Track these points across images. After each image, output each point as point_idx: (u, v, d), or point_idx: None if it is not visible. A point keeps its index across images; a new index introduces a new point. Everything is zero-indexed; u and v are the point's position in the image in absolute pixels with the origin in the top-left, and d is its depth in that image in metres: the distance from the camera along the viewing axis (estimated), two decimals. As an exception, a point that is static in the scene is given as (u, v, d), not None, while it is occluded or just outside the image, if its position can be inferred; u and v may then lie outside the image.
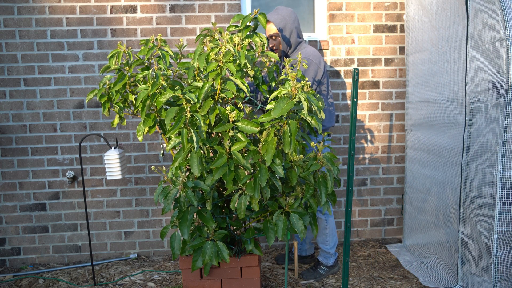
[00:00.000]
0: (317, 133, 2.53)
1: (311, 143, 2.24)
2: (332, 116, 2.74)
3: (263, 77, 2.63)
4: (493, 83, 2.12)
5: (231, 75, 2.10)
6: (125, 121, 2.44)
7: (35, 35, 3.01)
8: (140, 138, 2.25)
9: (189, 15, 3.09)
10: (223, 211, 2.36)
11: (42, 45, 3.02)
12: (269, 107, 2.01)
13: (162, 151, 2.78)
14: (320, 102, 2.08)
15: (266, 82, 2.55)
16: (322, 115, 2.05)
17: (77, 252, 3.22)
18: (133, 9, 3.05)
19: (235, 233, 2.36)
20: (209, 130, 2.18)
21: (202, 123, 1.92)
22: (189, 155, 2.02)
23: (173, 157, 2.10)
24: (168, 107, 2.24)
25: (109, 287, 2.76)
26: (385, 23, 3.23)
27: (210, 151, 2.20)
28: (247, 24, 2.32)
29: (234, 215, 2.32)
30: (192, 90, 2.08)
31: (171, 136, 2.13)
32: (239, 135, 2.06)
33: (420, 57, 2.93)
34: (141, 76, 2.22)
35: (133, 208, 3.22)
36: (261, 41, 2.32)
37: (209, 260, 2.11)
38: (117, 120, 2.39)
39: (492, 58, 2.12)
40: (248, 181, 2.02)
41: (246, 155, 2.04)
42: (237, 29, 2.38)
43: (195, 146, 1.93)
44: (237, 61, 2.10)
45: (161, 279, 2.84)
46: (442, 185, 2.67)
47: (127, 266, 3.09)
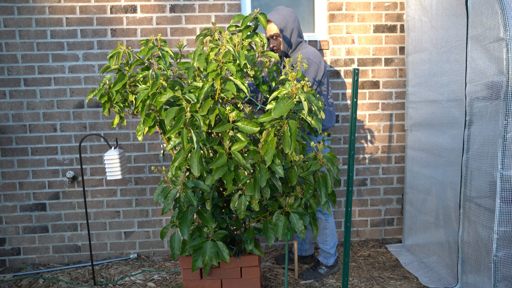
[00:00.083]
0: (317, 133, 2.53)
1: (311, 143, 2.24)
2: (332, 116, 2.74)
3: (263, 77, 2.63)
4: (493, 83, 2.12)
5: (231, 75, 2.09)
6: (125, 121, 2.44)
7: (35, 35, 3.01)
8: (140, 138, 2.25)
9: (189, 15, 3.09)
10: (223, 211, 2.36)
11: (42, 45, 3.02)
12: (269, 107, 2.01)
13: (162, 151, 2.78)
14: (320, 102, 2.08)
15: (266, 82, 2.55)
16: (322, 115, 2.05)
17: (77, 252, 3.22)
18: (133, 9, 3.05)
19: (235, 233, 2.36)
20: (209, 130, 2.18)
21: (202, 123, 1.93)
22: (189, 155, 2.02)
23: (173, 157, 2.10)
24: (168, 107, 2.24)
25: (109, 287, 2.76)
26: (385, 23, 3.22)
27: (210, 151, 2.20)
28: (248, 24, 2.32)
29: (234, 215, 2.32)
30: (192, 90, 2.08)
31: (171, 136, 2.13)
32: (239, 135, 2.06)
33: (420, 57, 2.92)
34: (141, 76, 2.22)
35: (133, 208, 3.22)
36: (261, 41, 2.32)
37: (209, 260, 2.11)
38: (117, 120, 2.39)
39: (492, 58, 2.12)
40: (248, 181, 2.02)
41: (246, 155, 2.04)
42: (238, 29, 2.38)
43: (195, 146, 1.93)
44: (237, 61, 2.10)
45: (161, 279, 2.84)
46: (442, 185, 2.67)
47: (127, 266, 3.09)
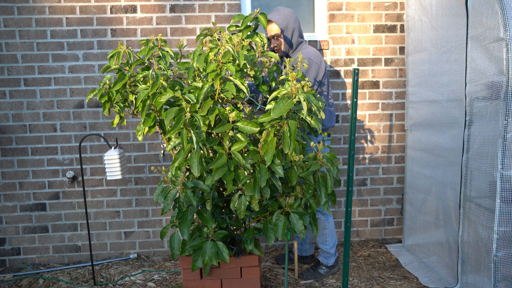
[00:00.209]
0: (317, 133, 2.52)
1: (311, 143, 2.24)
2: (332, 116, 2.74)
3: (263, 77, 2.63)
4: (493, 83, 2.11)
5: (231, 76, 2.09)
6: (125, 121, 2.44)
7: (35, 35, 3.01)
8: (140, 138, 2.25)
9: (189, 15, 3.09)
10: (223, 211, 2.36)
11: (42, 45, 3.02)
12: (268, 107, 2.01)
13: (162, 151, 2.78)
14: (320, 102, 2.08)
15: (266, 82, 2.55)
16: (322, 115, 2.04)
17: (77, 252, 3.22)
18: (133, 9, 3.05)
19: (235, 233, 2.36)
20: (209, 130, 2.18)
21: (201, 124, 1.92)
22: (189, 155, 2.02)
23: (173, 157, 2.10)
24: (168, 107, 2.24)
25: (109, 287, 2.76)
26: (385, 23, 3.22)
27: (210, 152, 2.20)
28: (248, 24, 2.32)
29: (234, 215, 2.32)
30: (191, 90, 2.08)
31: (171, 136, 2.13)
32: (238, 135, 2.06)
33: (420, 57, 2.92)
34: (141, 76, 2.22)
35: (133, 208, 3.22)
36: (261, 41, 2.32)
37: (209, 260, 2.11)
38: (117, 120, 2.39)
39: (492, 58, 2.12)
40: (248, 181, 2.02)
41: (246, 155, 2.04)
42: (238, 29, 2.38)
43: (195, 146, 1.93)
44: (236, 62, 2.10)
45: (161, 279, 2.84)
46: (442, 185, 2.67)
47: (127, 266, 3.09)
